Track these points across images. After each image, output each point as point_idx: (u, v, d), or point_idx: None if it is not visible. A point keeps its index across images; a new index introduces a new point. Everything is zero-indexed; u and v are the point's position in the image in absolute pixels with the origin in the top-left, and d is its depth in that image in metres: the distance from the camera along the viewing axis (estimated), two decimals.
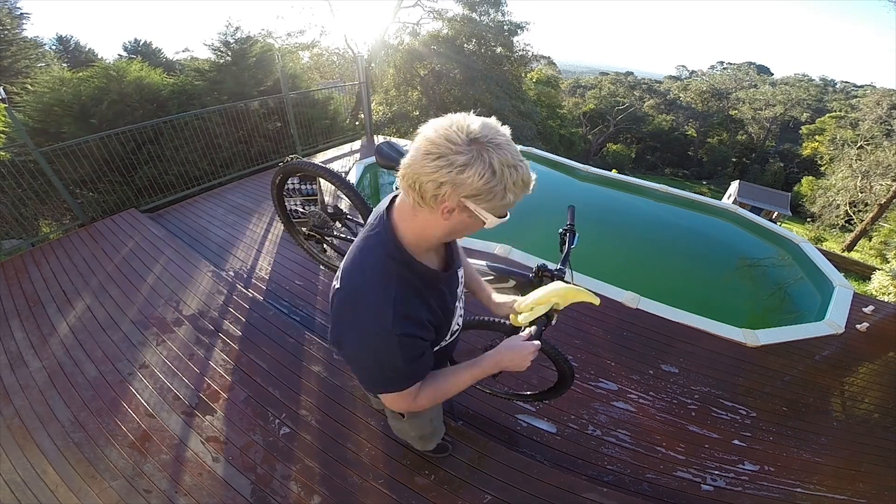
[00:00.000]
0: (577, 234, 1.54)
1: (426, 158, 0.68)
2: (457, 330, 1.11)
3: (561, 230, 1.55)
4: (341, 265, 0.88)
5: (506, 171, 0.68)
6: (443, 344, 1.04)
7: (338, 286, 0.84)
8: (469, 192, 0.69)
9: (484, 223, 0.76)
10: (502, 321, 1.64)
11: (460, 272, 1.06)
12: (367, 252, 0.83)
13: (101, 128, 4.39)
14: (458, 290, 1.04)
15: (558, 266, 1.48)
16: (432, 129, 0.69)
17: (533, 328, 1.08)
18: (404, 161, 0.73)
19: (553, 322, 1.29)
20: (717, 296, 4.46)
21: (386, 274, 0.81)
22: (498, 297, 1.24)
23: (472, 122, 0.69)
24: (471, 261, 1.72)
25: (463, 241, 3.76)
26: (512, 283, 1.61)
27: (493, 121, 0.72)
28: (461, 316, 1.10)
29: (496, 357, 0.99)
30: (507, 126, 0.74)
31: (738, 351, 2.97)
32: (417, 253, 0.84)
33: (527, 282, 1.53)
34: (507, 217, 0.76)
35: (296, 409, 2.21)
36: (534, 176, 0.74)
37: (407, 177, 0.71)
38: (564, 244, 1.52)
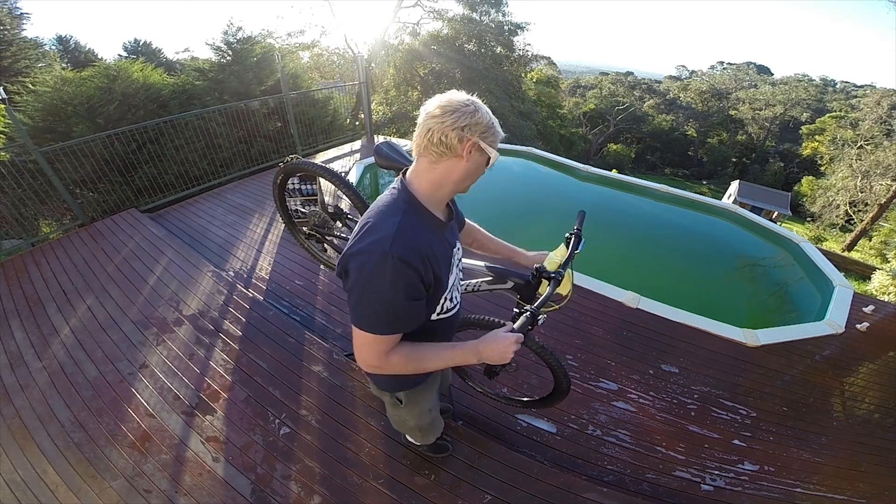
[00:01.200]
0: (582, 240, 1.55)
1: (446, 115, 0.87)
2: (455, 306, 1.18)
3: (567, 234, 1.56)
4: (357, 227, 0.96)
5: (491, 115, 0.93)
6: (441, 313, 1.10)
7: (348, 248, 0.91)
8: (481, 130, 0.89)
9: (489, 159, 0.95)
10: (501, 321, 1.64)
11: (458, 247, 1.18)
12: (381, 200, 0.97)
13: (106, 128, 4.39)
14: (456, 255, 1.15)
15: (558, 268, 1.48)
16: (438, 100, 0.90)
17: (518, 324, 1.09)
18: (426, 124, 0.89)
19: (540, 322, 1.31)
20: (718, 296, 4.46)
21: (396, 208, 0.93)
22: (524, 252, 1.49)
23: (457, 92, 0.92)
24: (470, 261, 1.72)
25: None
26: (510, 283, 1.61)
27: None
28: (458, 290, 1.21)
29: (479, 346, 1.01)
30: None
31: (738, 351, 2.97)
32: (430, 204, 0.98)
33: (525, 283, 1.53)
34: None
35: (296, 409, 2.21)
36: None
37: (432, 134, 0.88)
38: (569, 248, 1.53)
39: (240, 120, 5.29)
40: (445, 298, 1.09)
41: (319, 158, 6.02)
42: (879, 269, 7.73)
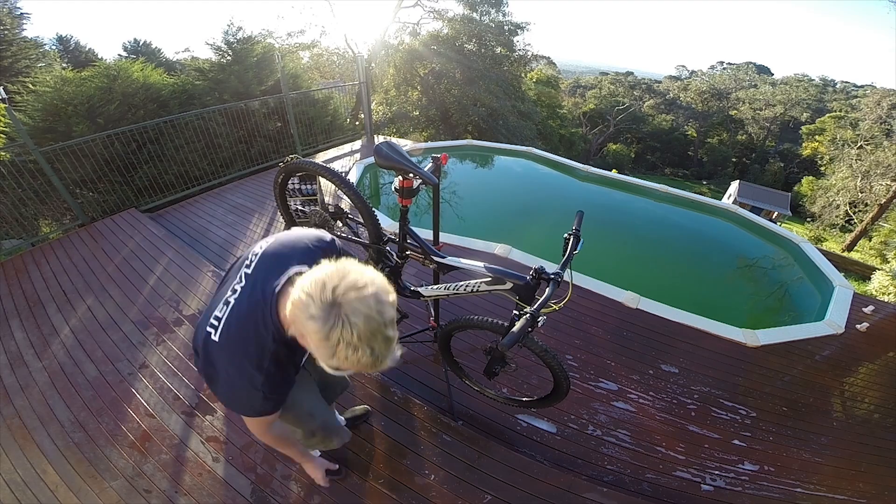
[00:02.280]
0: (581, 240, 1.55)
1: (296, 295, 0.78)
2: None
3: (566, 234, 1.56)
4: (224, 315, 0.95)
5: (340, 346, 0.73)
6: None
7: (216, 339, 0.94)
8: (311, 342, 0.78)
9: (326, 368, 0.81)
10: (500, 322, 1.64)
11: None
12: (250, 326, 0.93)
13: (106, 127, 4.40)
14: None
15: (557, 269, 1.48)
16: (319, 273, 0.78)
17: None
18: (295, 286, 0.82)
19: (540, 324, 1.31)
20: (717, 296, 4.46)
21: (263, 351, 0.92)
22: None
23: (350, 281, 0.76)
24: (469, 261, 1.72)
25: (463, 241, 3.76)
26: (509, 284, 1.61)
27: (375, 292, 0.77)
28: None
29: (309, 462, 1.56)
30: (383, 281, 0.81)
31: (738, 351, 2.97)
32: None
33: (524, 284, 1.53)
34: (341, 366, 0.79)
35: None
36: (381, 364, 0.78)
37: (290, 301, 0.82)
38: (568, 248, 1.53)
39: (240, 120, 5.29)
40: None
41: (319, 158, 6.02)
42: (879, 270, 7.73)
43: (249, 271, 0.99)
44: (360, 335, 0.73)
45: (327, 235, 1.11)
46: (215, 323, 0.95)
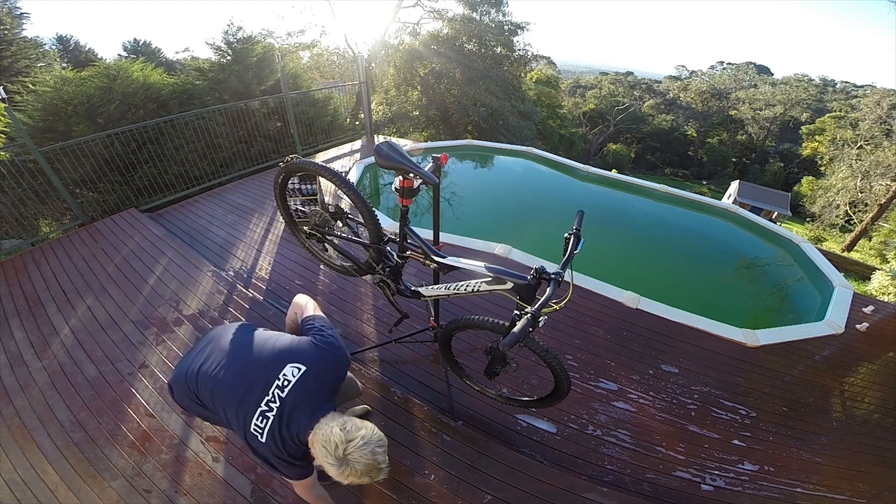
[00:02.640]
0: (581, 240, 1.55)
1: (320, 443, 1.12)
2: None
3: (566, 234, 1.56)
4: (266, 427, 1.18)
5: (349, 477, 1.10)
6: None
7: (263, 440, 1.18)
8: (325, 468, 1.12)
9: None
10: (501, 322, 1.64)
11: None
12: (290, 440, 1.20)
13: (106, 127, 4.39)
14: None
15: (558, 269, 1.48)
16: (341, 431, 1.11)
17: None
18: (320, 429, 1.15)
19: (541, 324, 1.31)
20: (717, 296, 4.46)
21: (296, 453, 1.22)
22: None
23: (359, 443, 1.10)
24: (470, 261, 1.72)
25: (463, 241, 3.76)
26: (510, 284, 1.61)
27: (372, 449, 1.10)
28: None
29: None
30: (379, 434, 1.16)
31: (738, 351, 2.97)
32: None
33: (525, 284, 1.53)
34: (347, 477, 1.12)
35: None
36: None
37: (313, 438, 1.15)
38: (568, 247, 1.53)
39: (240, 120, 5.29)
40: None
41: (319, 158, 6.02)
42: (879, 270, 7.73)
43: (284, 395, 1.19)
44: (361, 473, 1.09)
45: (346, 367, 1.38)
46: (259, 430, 1.18)
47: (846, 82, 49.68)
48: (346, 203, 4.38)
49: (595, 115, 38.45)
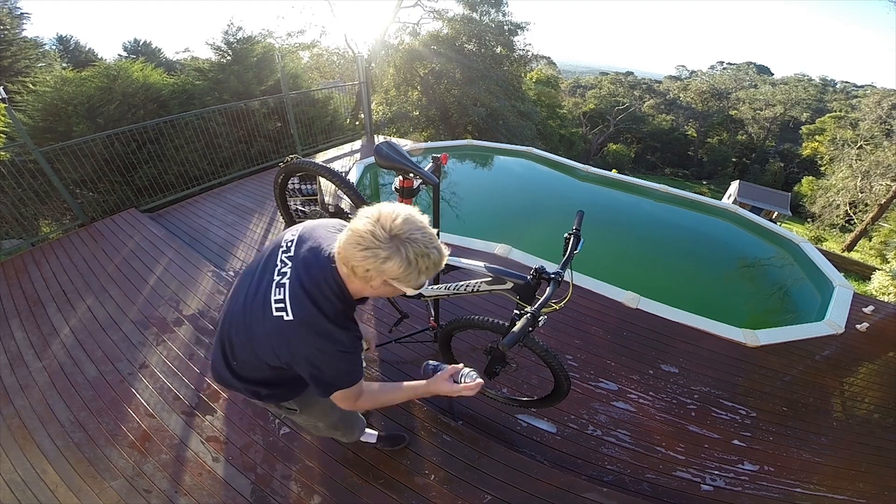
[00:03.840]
0: (581, 240, 1.55)
1: (356, 248, 0.86)
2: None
3: (566, 234, 1.57)
4: (285, 296, 0.96)
5: (419, 261, 0.87)
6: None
7: (291, 317, 0.95)
8: (390, 276, 0.88)
9: (407, 293, 0.98)
10: (501, 322, 1.64)
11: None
12: (318, 289, 0.97)
13: (106, 127, 4.39)
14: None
15: (558, 268, 1.48)
16: (361, 222, 0.87)
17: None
18: (339, 244, 0.91)
19: (541, 324, 1.31)
20: (717, 296, 4.46)
21: (335, 313, 0.98)
22: None
23: (395, 217, 0.86)
24: (470, 261, 1.72)
25: (463, 241, 3.76)
26: (509, 284, 1.61)
27: (414, 214, 0.89)
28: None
29: (433, 385, 1.16)
30: (425, 215, 0.92)
31: (738, 351, 2.97)
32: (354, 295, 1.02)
33: (525, 284, 1.53)
34: (425, 286, 0.93)
35: None
36: (446, 252, 0.94)
37: (342, 257, 0.90)
38: (568, 247, 1.54)
39: (240, 120, 5.29)
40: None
41: (319, 158, 6.01)
42: (879, 270, 7.73)
43: (292, 253, 1.02)
44: (421, 249, 0.86)
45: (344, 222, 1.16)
46: (280, 306, 0.95)
47: (846, 82, 49.68)
48: (346, 203, 4.38)
49: (595, 115, 38.44)
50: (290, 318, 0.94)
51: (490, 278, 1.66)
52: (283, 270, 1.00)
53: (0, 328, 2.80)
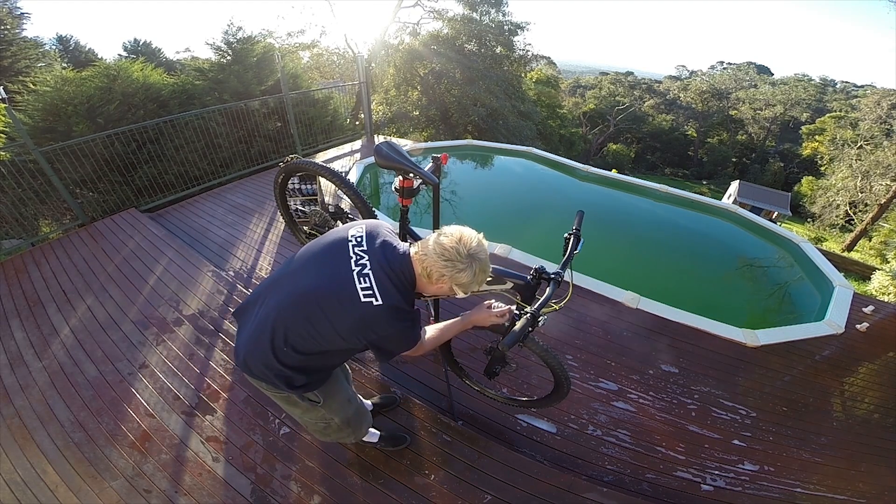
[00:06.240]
0: (581, 240, 1.55)
1: (440, 258, 1.10)
2: None
3: (566, 234, 1.57)
4: (372, 284, 1.12)
5: (479, 275, 1.14)
6: None
7: (381, 302, 1.11)
8: (457, 283, 1.13)
9: (457, 295, 1.20)
10: (500, 322, 1.64)
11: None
12: (400, 280, 1.17)
13: (106, 127, 4.39)
14: None
15: (558, 268, 1.48)
16: (447, 239, 1.11)
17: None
18: (421, 249, 1.14)
19: (541, 324, 1.31)
20: (717, 296, 4.46)
21: (410, 299, 1.21)
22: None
23: (472, 240, 1.13)
24: None
25: None
26: (509, 284, 1.61)
27: (482, 239, 1.16)
28: None
29: (472, 316, 1.45)
30: (481, 233, 1.18)
31: (738, 351, 2.97)
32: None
33: (525, 284, 1.54)
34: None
35: None
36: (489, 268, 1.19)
37: (423, 262, 1.13)
38: (568, 247, 1.54)
39: (240, 120, 5.29)
40: None
41: (319, 158, 6.01)
42: (879, 270, 7.73)
43: (365, 247, 1.18)
44: (483, 266, 1.13)
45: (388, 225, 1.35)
46: (368, 293, 1.11)
47: (846, 82, 49.69)
48: (346, 203, 4.38)
49: (595, 115, 38.45)
50: (380, 302, 1.11)
51: (490, 278, 1.66)
52: (361, 262, 1.15)
53: (0, 328, 2.80)
